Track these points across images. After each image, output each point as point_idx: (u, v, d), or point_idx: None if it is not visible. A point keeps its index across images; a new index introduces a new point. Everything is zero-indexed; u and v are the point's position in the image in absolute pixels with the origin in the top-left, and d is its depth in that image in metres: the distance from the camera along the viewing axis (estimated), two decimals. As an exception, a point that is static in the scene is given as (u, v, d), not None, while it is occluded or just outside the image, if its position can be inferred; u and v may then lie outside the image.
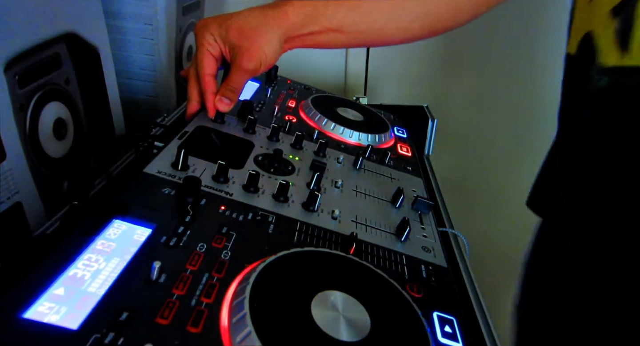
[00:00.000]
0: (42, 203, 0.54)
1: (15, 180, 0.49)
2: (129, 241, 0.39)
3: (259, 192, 0.52)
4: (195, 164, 0.52)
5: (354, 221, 0.53)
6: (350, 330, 0.35)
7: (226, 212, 0.46)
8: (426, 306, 0.43)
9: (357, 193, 0.59)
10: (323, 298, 0.37)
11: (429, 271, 0.49)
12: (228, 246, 0.42)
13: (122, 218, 0.42)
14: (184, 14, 0.84)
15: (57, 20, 0.54)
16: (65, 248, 0.37)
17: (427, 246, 0.54)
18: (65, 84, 0.58)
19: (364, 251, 0.48)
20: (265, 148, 0.62)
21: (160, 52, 0.79)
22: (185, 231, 0.42)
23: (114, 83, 0.69)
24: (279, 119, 0.73)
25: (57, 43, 0.55)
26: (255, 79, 0.86)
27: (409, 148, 0.80)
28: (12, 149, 0.49)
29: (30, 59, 0.51)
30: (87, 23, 0.60)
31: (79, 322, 0.31)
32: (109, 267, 0.37)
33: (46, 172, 0.55)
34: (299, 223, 0.49)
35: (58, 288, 0.34)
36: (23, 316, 0.31)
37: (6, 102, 0.48)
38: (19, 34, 0.49)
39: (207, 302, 0.35)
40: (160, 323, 0.32)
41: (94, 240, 0.38)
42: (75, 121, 0.61)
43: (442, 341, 0.40)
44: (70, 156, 0.60)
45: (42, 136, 0.54)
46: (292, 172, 0.59)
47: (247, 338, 0.31)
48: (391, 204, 0.60)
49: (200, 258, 0.39)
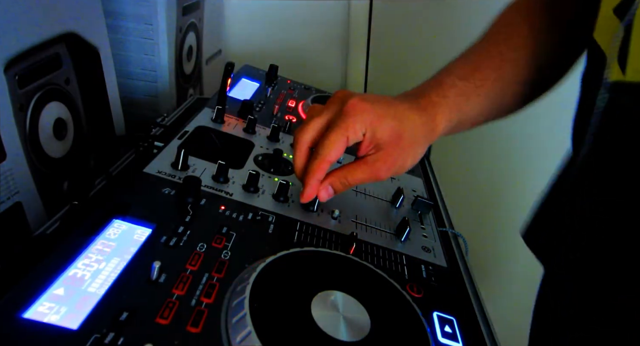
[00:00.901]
0: (42, 203, 0.54)
1: (15, 180, 0.49)
2: (129, 241, 0.39)
3: (259, 192, 0.52)
4: (195, 164, 0.52)
5: (354, 221, 0.53)
6: (350, 330, 0.35)
7: (226, 212, 0.46)
8: (426, 306, 0.43)
9: (357, 193, 0.59)
10: (323, 298, 0.37)
11: (429, 271, 0.49)
12: (228, 246, 0.42)
13: (122, 218, 0.42)
14: (184, 14, 0.84)
15: (57, 20, 0.54)
16: (65, 248, 0.37)
17: (427, 246, 0.54)
18: (65, 84, 0.58)
19: (364, 251, 0.48)
20: (265, 148, 0.62)
21: (160, 52, 0.79)
22: (185, 231, 0.42)
23: (114, 83, 0.69)
24: (279, 119, 0.73)
25: (57, 43, 0.55)
26: (255, 79, 0.86)
27: (409, 148, 0.79)
28: (12, 149, 0.49)
29: (30, 59, 0.51)
30: (87, 23, 0.60)
31: (79, 322, 0.31)
32: (109, 267, 0.37)
33: (46, 172, 0.55)
34: (299, 223, 0.49)
35: (58, 288, 0.33)
36: (23, 316, 0.31)
37: (6, 102, 0.48)
38: (19, 34, 0.49)
39: (207, 302, 0.35)
40: (160, 323, 0.32)
41: (94, 240, 0.38)
42: (75, 121, 0.61)
43: (442, 341, 0.40)
44: (70, 156, 0.60)
45: (42, 136, 0.54)
46: (292, 172, 0.59)
47: (247, 338, 0.31)
48: (391, 204, 0.60)
49: (200, 258, 0.39)
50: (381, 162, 0.47)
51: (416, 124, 0.48)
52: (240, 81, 0.82)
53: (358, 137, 0.47)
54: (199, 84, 1.01)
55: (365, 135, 0.47)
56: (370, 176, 0.48)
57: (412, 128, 0.47)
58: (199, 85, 1.01)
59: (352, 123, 0.46)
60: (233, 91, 0.77)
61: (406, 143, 0.47)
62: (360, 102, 0.47)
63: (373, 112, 0.46)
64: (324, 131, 0.48)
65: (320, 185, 0.48)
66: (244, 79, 0.84)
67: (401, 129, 0.47)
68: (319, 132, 0.48)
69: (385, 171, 0.48)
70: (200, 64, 0.99)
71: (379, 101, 0.48)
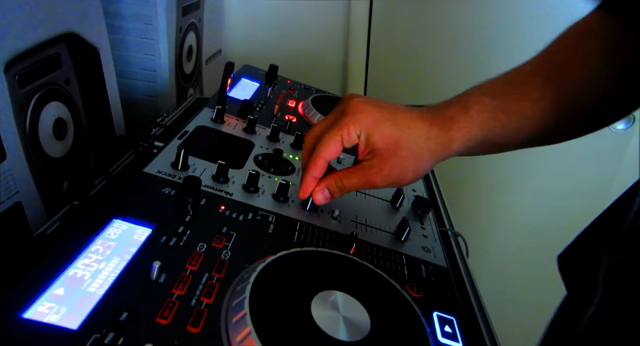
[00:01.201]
0: (42, 203, 0.54)
1: (15, 180, 0.49)
2: (129, 241, 0.39)
3: (259, 192, 0.52)
4: (195, 164, 0.52)
5: (354, 221, 0.53)
6: (350, 330, 0.35)
7: (226, 212, 0.46)
8: (426, 306, 0.43)
9: (357, 193, 0.59)
10: (323, 298, 0.37)
11: (429, 271, 0.49)
12: (228, 246, 0.42)
13: (122, 218, 0.42)
14: (184, 14, 0.84)
15: (57, 20, 0.54)
16: (65, 248, 0.37)
17: (427, 246, 0.54)
18: (65, 84, 0.58)
19: (364, 251, 0.48)
20: (265, 148, 0.62)
21: (160, 52, 0.79)
22: (185, 231, 0.42)
23: (114, 83, 0.69)
24: (279, 119, 0.73)
25: (57, 43, 0.55)
26: (255, 79, 0.86)
27: (409, 148, 0.79)
28: (12, 149, 0.49)
29: (30, 59, 0.51)
30: (87, 23, 0.60)
31: (79, 322, 0.31)
32: (109, 267, 0.37)
33: (46, 172, 0.55)
34: (299, 223, 0.49)
35: (58, 288, 0.33)
36: (23, 316, 0.31)
37: (6, 102, 0.48)
38: (19, 34, 0.49)
39: (207, 302, 0.35)
40: (160, 323, 0.32)
41: (94, 240, 0.38)
42: (75, 121, 0.61)
43: (442, 341, 0.40)
44: (70, 156, 0.60)
45: (42, 136, 0.54)
46: (292, 172, 0.59)
47: (247, 338, 0.31)
48: (391, 204, 0.60)
49: (200, 258, 0.39)
50: (376, 168, 0.46)
51: (420, 135, 0.45)
52: (240, 81, 0.82)
53: (352, 138, 0.46)
54: (199, 84, 1.01)
55: (360, 137, 0.46)
56: (364, 182, 0.46)
57: (415, 139, 0.45)
58: (199, 85, 1.01)
59: (347, 123, 0.45)
60: (233, 91, 0.77)
61: (405, 153, 0.45)
62: (360, 104, 0.46)
63: (371, 116, 0.45)
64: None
65: (317, 186, 0.48)
66: (244, 79, 0.84)
67: (399, 138, 0.45)
68: (323, 132, 0.48)
69: (380, 179, 0.46)
70: (200, 64, 0.99)
71: (383, 106, 0.47)
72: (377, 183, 0.46)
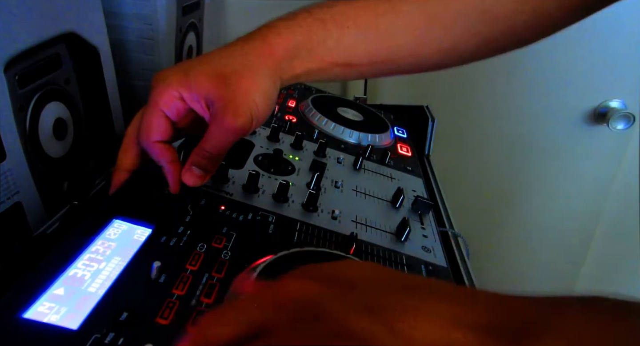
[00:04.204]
0: (42, 203, 0.54)
1: (15, 180, 0.49)
2: (129, 241, 0.39)
3: (259, 192, 0.52)
4: (195, 164, 0.52)
5: (354, 221, 0.53)
6: (350, 330, 0.35)
7: (226, 212, 0.46)
8: (426, 306, 0.43)
9: (357, 193, 0.59)
10: (323, 298, 0.37)
11: (429, 271, 0.49)
12: (228, 246, 0.42)
13: (122, 218, 0.42)
14: (184, 14, 0.84)
15: (57, 20, 0.54)
16: (65, 248, 0.37)
17: (427, 246, 0.54)
18: (65, 84, 0.58)
19: (364, 251, 0.48)
20: (265, 148, 0.62)
21: (160, 52, 0.79)
22: (185, 231, 0.42)
23: (114, 83, 0.69)
24: (279, 119, 0.73)
25: (57, 43, 0.55)
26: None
27: (409, 148, 0.80)
28: (12, 149, 0.49)
29: (30, 59, 0.51)
30: (87, 23, 0.60)
31: (79, 322, 0.31)
32: (109, 267, 0.37)
33: (46, 172, 0.55)
34: (299, 223, 0.49)
35: (58, 288, 0.33)
36: (23, 316, 0.31)
37: (6, 102, 0.48)
38: (19, 34, 0.49)
39: (207, 302, 0.35)
40: (160, 323, 0.32)
41: (94, 240, 0.38)
42: (75, 121, 0.61)
43: (442, 341, 0.40)
44: (70, 156, 0.60)
45: (42, 136, 0.54)
46: (292, 172, 0.59)
47: (247, 338, 0.31)
48: (391, 204, 0.60)
49: (200, 258, 0.39)
50: (222, 111, 0.40)
51: (236, 56, 0.43)
52: (240, 81, 0.82)
53: (176, 105, 0.42)
54: (199, 84, 1.01)
55: (184, 96, 0.42)
56: (223, 131, 0.41)
57: (233, 61, 0.42)
58: (199, 85, 1.00)
59: (156, 95, 0.42)
60: (233, 91, 0.77)
61: (234, 78, 0.41)
62: (160, 72, 0.44)
63: (177, 72, 0.42)
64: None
65: (183, 170, 0.43)
66: (244, 79, 0.84)
67: (217, 67, 0.42)
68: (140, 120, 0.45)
69: (232, 118, 0.40)
70: (200, 64, 0.99)
71: (189, 60, 0.44)
72: (236, 124, 0.41)
